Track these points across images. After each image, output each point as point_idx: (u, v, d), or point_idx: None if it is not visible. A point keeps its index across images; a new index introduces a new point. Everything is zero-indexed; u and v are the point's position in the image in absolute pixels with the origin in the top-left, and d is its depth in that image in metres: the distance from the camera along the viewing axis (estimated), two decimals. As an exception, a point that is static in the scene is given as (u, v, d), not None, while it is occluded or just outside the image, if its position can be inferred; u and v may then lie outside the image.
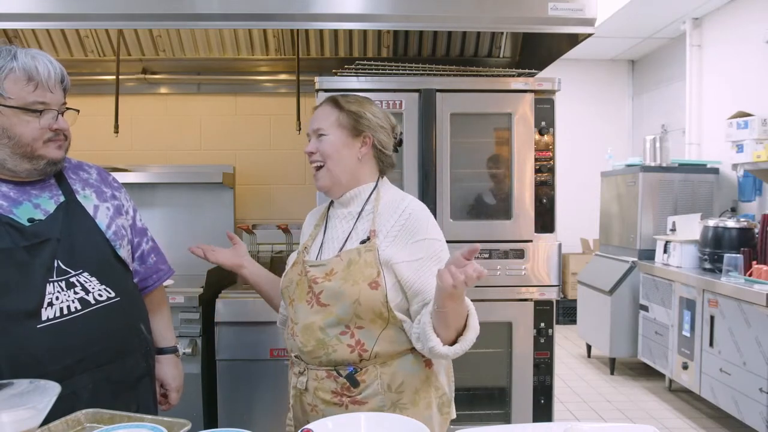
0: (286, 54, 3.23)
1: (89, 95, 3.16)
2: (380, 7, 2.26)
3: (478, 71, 2.71)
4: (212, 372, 2.64)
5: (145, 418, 1.13)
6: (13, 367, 1.22)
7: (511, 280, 2.55)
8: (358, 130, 1.56)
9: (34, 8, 2.21)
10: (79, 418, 1.15)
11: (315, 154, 1.57)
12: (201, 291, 2.59)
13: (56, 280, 1.33)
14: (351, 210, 1.59)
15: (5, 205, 1.34)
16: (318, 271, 1.50)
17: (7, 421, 0.83)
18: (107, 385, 1.37)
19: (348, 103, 1.58)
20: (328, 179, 1.56)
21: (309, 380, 1.49)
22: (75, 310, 1.33)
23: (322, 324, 1.46)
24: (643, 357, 4.64)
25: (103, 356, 1.37)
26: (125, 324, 1.45)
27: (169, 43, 3.14)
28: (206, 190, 3.19)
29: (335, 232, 1.59)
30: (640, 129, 6.87)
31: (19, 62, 1.31)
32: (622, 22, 5.55)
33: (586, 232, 6.73)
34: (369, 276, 1.45)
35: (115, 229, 1.49)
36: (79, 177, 1.52)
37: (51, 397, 0.88)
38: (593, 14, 2.29)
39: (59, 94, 1.39)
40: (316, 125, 1.58)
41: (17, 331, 1.26)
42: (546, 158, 2.57)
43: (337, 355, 1.45)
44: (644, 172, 4.70)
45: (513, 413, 2.58)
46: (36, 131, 1.33)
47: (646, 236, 4.71)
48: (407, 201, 1.55)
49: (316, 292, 1.48)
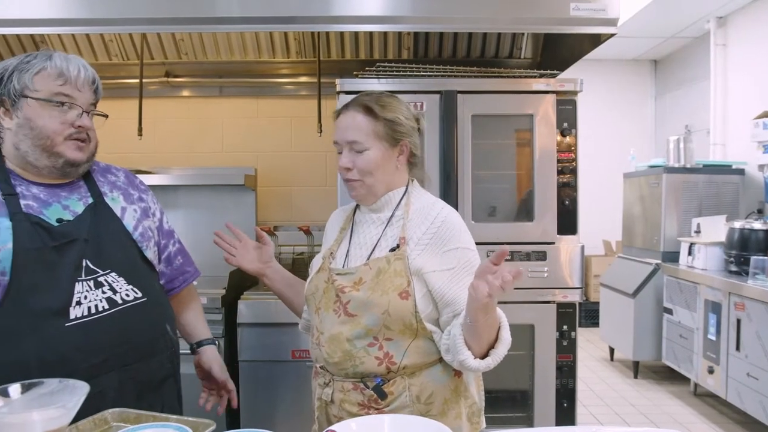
0: (307, 56, 3.24)
1: (113, 98, 3.19)
2: (401, 8, 2.26)
3: (500, 72, 2.69)
4: (234, 373, 2.66)
5: (171, 418, 1.14)
6: (41, 365, 1.24)
7: (533, 282, 2.53)
8: (395, 140, 1.49)
9: (60, 14, 2.25)
10: (105, 417, 1.17)
11: (351, 171, 1.47)
12: (223, 292, 2.61)
13: (84, 280, 1.35)
14: (381, 215, 1.53)
15: (35, 206, 1.36)
16: (345, 279, 1.45)
17: (38, 420, 0.84)
18: (133, 385, 1.38)
19: (382, 109, 1.48)
20: (365, 192, 1.50)
21: (335, 392, 1.45)
22: (103, 309, 1.35)
23: (350, 335, 1.41)
24: (667, 360, 4.58)
25: (129, 356, 1.38)
26: (151, 324, 1.46)
27: (191, 47, 3.18)
28: (228, 192, 3.22)
29: (362, 238, 1.53)
30: (663, 130, 6.79)
31: (53, 62, 1.36)
32: (644, 21, 5.49)
33: (608, 234, 6.66)
34: (399, 286, 1.40)
35: (141, 231, 1.51)
36: (107, 180, 1.54)
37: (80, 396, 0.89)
38: (616, 14, 2.27)
39: (88, 94, 1.41)
40: (350, 136, 1.46)
41: (46, 330, 1.28)
42: (568, 159, 2.55)
43: (365, 368, 1.41)
44: (668, 173, 4.64)
45: (536, 416, 2.56)
46: (57, 125, 1.35)
47: (670, 238, 4.64)
48: (438, 207, 1.49)
49: (343, 301, 1.43)
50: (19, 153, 1.37)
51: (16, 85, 1.34)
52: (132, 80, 3.15)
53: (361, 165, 1.46)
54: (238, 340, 2.63)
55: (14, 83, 1.34)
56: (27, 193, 1.37)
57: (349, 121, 1.48)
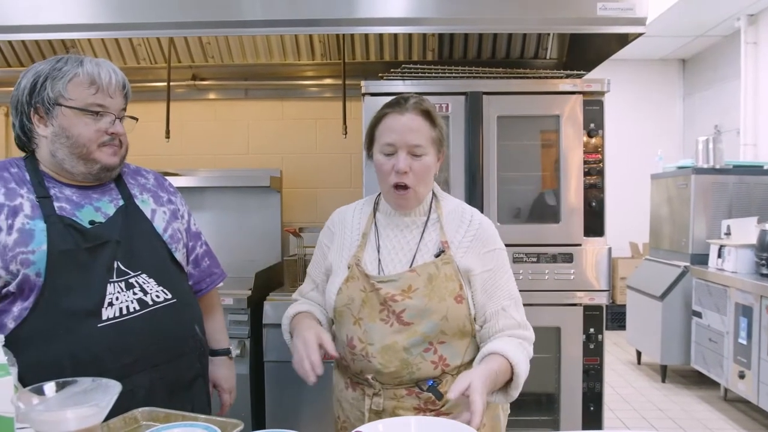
0: (332, 58, 3.25)
1: (141, 102, 3.23)
2: (425, 10, 2.26)
3: (525, 73, 2.68)
4: (260, 373, 2.68)
5: (199, 418, 1.15)
6: (74, 365, 1.26)
7: (560, 284, 2.51)
8: (442, 147, 1.48)
9: (90, 19, 2.29)
10: (135, 416, 1.19)
11: (408, 175, 1.41)
12: (249, 293, 2.62)
13: (116, 281, 1.37)
14: (413, 219, 1.50)
15: (68, 208, 1.39)
16: (392, 287, 1.40)
17: (72, 418, 0.86)
18: (163, 385, 1.40)
19: (438, 117, 1.46)
20: (414, 200, 1.47)
21: (385, 400, 1.43)
22: (134, 310, 1.37)
23: (406, 344, 1.39)
24: (696, 365, 4.50)
25: (159, 356, 1.40)
26: (181, 325, 1.48)
27: (217, 50, 3.21)
28: (254, 194, 3.24)
29: (395, 243, 1.49)
30: (691, 130, 6.68)
31: (84, 68, 1.38)
32: (672, 20, 5.41)
33: (635, 236, 6.58)
34: (453, 290, 1.40)
35: (171, 233, 1.53)
36: (137, 182, 1.56)
37: (113, 395, 0.91)
38: (644, 13, 2.24)
39: (119, 100, 1.43)
40: (414, 140, 1.41)
41: (79, 330, 1.30)
42: (595, 161, 2.53)
43: (421, 373, 1.41)
44: (696, 174, 4.56)
45: (562, 420, 2.53)
46: (92, 133, 1.38)
47: (699, 240, 4.56)
48: (469, 210, 1.52)
49: (396, 310, 1.40)
50: (55, 160, 1.39)
51: (50, 93, 1.36)
52: (160, 83, 3.20)
53: (418, 170, 1.42)
54: (263, 340, 2.65)
55: (48, 91, 1.36)
56: (60, 195, 1.40)
57: (411, 123, 1.42)
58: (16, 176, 1.39)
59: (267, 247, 3.25)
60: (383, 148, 1.43)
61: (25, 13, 2.29)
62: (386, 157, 1.43)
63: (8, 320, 1.31)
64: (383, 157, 1.44)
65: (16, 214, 1.33)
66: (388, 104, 1.48)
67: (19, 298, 1.31)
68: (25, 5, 2.28)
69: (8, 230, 1.31)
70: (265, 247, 3.25)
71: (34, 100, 1.37)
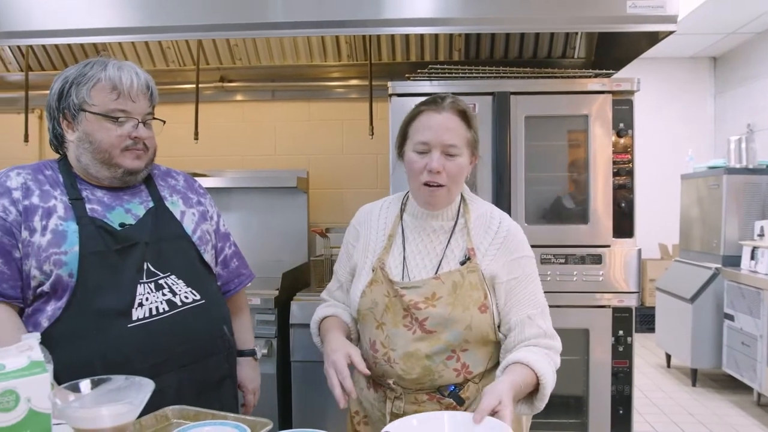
0: (358, 59, 3.26)
1: (170, 104, 3.28)
2: (452, 10, 2.25)
3: (553, 73, 2.65)
4: (287, 373, 2.69)
5: (229, 416, 1.16)
6: (104, 364, 1.29)
7: (588, 286, 2.48)
8: (475, 149, 1.45)
9: (120, 22, 2.33)
10: (166, 414, 1.20)
11: (441, 175, 1.38)
12: (276, 293, 2.64)
13: (146, 282, 1.39)
14: (441, 224, 1.47)
15: (100, 210, 1.41)
16: (415, 294, 1.39)
17: (107, 415, 0.87)
18: (191, 385, 1.42)
19: (473, 119, 1.44)
20: (446, 201, 1.45)
21: (406, 404, 1.42)
22: (163, 311, 1.39)
23: (429, 351, 1.38)
24: (728, 369, 4.41)
25: (188, 356, 1.42)
26: (209, 326, 1.49)
27: (245, 52, 3.24)
28: (281, 194, 3.26)
29: (421, 247, 1.47)
30: (723, 129, 6.55)
31: (107, 73, 1.39)
32: (703, 17, 5.31)
33: (664, 237, 6.47)
34: (477, 300, 1.38)
35: (200, 234, 1.54)
36: (167, 183, 1.58)
37: (146, 393, 0.92)
38: (675, 11, 2.20)
39: (143, 103, 1.44)
40: (449, 140, 1.38)
41: (110, 330, 1.32)
42: (624, 161, 2.50)
43: (443, 380, 1.40)
44: (728, 174, 4.47)
45: (590, 423, 2.51)
46: (114, 138, 1.39)
47: (731, 242, 4.47)
48: (498, 215, 1.49)
49: (419, 318, 1.38)
50: (81, 165, 1.42)
51: (75, 99, 1.38)
52: (188, 85, 3.23)
53: (452, 170, 1.39)
54: (290, 340, 2.66)
55: (73, 97, 1.38)
56: (92, 197, 1.42)
57: (447, 123, 1.39)
58: (50, 178, 1.42)
59: (294, 247, 3.27)
60: (417, 146, 1.41)
61: (56, 17, 2.34)
62: (419, 156, 1.40)
63: (42, 319, 1.34)
64: (416, 155, 1.41)
65: (50, 215, 1.36)
66: (423, 102, 1.45)
67: (53, 298, 1.34)
68: (56, 10, 2.33)
69: (42, 231, 1.34)
70: (292, 247, 3.27)
71: (62, 105, 1.40)
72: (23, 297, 1.36)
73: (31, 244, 1.33)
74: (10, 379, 0.84)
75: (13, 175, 1.40)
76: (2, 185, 1.37)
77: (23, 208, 1.35)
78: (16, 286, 1.34)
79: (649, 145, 6.13)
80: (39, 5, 2.34)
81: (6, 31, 2.36)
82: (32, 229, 1.34)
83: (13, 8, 2.35)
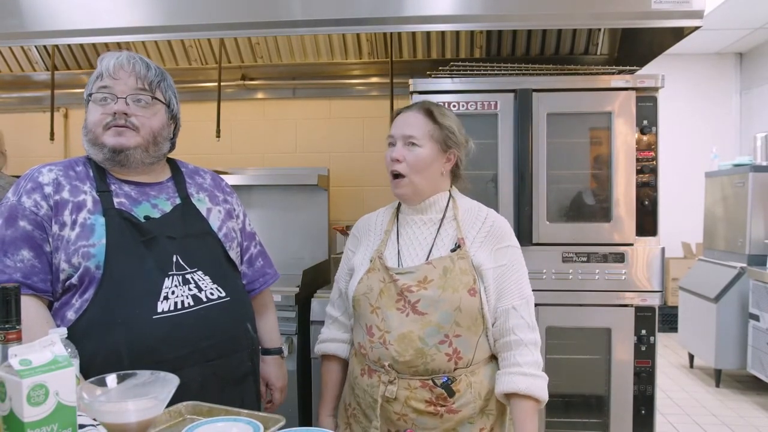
0: (379, 57, 3.26)
1: (193, 102, 3.32)
2: (473, 7, 2.24)
3: (576, 69, 2.62)
4: (307, 369, 2.70)
5: (242, 413, 1.16)
6: (130, 354, 1.31)
7: (610, 284, 2.46)
8: (447, 146, 1.57)
9: (144, 22, 2.35)
10: (179, 410, 1.20)
11: (400, 164, 1.54)
12: (297, 290, 2.65)
13: (174, 274, 1.41)
14: (430, 217, 1.59)
15: (126, 203, 1.44)
16: (409, 278, 1.49)
17: (133, 409, 0.88)
18: (215, 380, 1.43)
19: (442, 116, 1.57)
20: (410, 190, 1.56)
21: (399, 389, 1.48)
22: (188, 305, 1.40)
23: (422, 333, 1.46)
24: (753, 369, 4.34)
25: (212, 352, 1.43)
26: (233, 323, 1.50)
27: (266, 50, 3.25)
28: (301, 192, 3.28)
29: (413, 238, 1.58)
30: (749, 126, 6.44)
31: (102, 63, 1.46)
32: (729, 12, 5.22)
33: (687, 236, 6.38)
34: (467, 283, 1.47)
35: (225, 232, 1.56)
36: (194, 181, 1.61)
37: (171, 388, 0.94)
38: (701, 6, 2.17)
39: (126, 80, 1.43)
40: (408, 131, 1.55)
41: (136, 321, 1.34)
42: (648, 158, 2.46)
43: (435, 365, 1.46)
44: (755, 172, 4.40)
45: (612, 423, 2.48)
46: (98, 116, 1.43)
47: (757, 241, 4.40)
48: (485, 209, 1.62)
49: (411, 300, 1.48)
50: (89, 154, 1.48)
51: (85, 93, 1.46)
52: (210, 84, 3.26)
53: (411, 160, 1.53)
54: (311, 337, 2.67)
55: (86, 91, 1.47)
56: (120, 191, 1.45)
57: (409, 119, 1.57)
58: (80, 174, 1.45)
59: (314, 244, 3.28)
60: (388, 141, 1.60)
61: (81, 17, 2.37)
62: (389, 149, 1.59)
63: (70, 312, 1.36)
64: (387, 150, 1.59)
65: (80, 209, 1.38)
66: None
67: (80, 290, 1.36)
68: (83, 10, 2.36)
69: (72, 225, 1.37)
70: (313, 244, 3.28)
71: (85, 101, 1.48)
72: (53, 291, 1.38)
73: (61, 238, 1.36)
74: (39, 374, 0.86)
75: (45, 171, 1.43)
76: (34, 181, 1.40)
77: (54, 203, 1.38)
78: (46, 280, 1.37)
79: (673, 143, 6.06)
80: (65, 5, 2.38)
81: (32, 31, 2.40)
82: (62, 224, 1.37)
83: (39, 8, 2.39)
